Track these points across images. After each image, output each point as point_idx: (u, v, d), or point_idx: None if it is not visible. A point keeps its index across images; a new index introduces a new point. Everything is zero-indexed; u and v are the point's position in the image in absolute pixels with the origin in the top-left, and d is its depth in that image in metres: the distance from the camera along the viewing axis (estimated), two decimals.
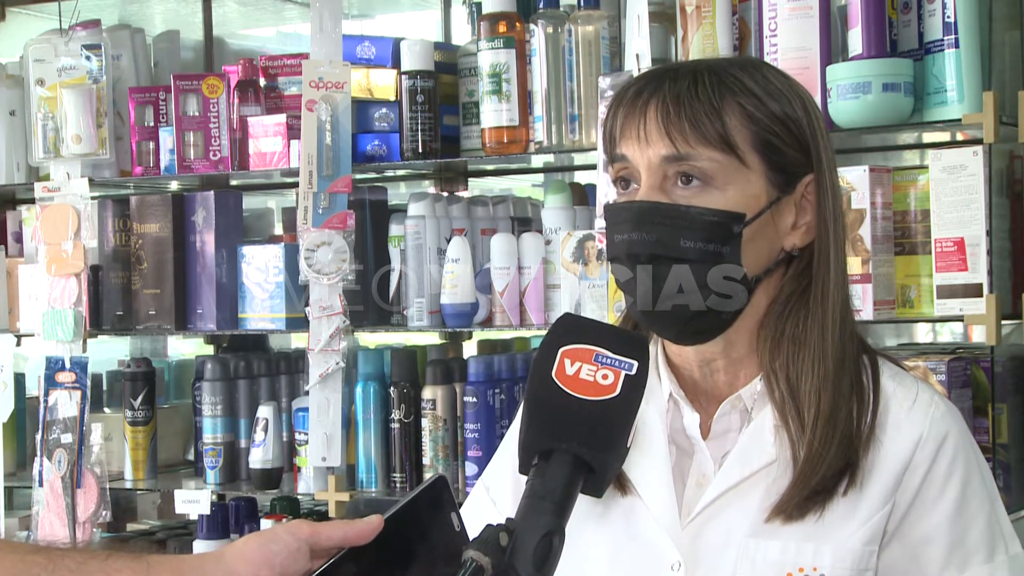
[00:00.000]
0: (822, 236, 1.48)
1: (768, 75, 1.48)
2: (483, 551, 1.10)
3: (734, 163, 1.43)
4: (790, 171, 1.47)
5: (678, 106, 1.43)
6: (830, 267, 1.47)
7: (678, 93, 1.43)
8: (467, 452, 2.93)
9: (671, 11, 2.76)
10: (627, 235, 1.45)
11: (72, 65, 3.25)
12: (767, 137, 1.44)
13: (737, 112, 1.43)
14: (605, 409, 1.21)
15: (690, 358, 1.52)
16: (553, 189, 2.95)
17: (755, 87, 1.45)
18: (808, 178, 1.48)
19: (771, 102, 1.45)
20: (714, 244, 1.42)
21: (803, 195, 1.48)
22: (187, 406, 3.49)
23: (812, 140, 1.48)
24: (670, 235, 1.42)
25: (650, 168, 1.44)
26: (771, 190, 1.45)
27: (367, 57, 3.05)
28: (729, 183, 1.43)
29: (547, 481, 1.17)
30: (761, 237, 1.45)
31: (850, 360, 1.46)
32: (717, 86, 1.44)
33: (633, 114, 1.46)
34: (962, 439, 1.47)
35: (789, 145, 1.46)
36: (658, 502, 1.47)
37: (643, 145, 1.44)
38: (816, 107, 1.51)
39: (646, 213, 1.44)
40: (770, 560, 1.43)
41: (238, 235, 3.26)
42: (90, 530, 3.22)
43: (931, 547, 1.43)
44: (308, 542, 1.17)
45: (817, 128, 1.48)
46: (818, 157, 1.48)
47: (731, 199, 1.43)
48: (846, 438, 1.42)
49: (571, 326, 1.26)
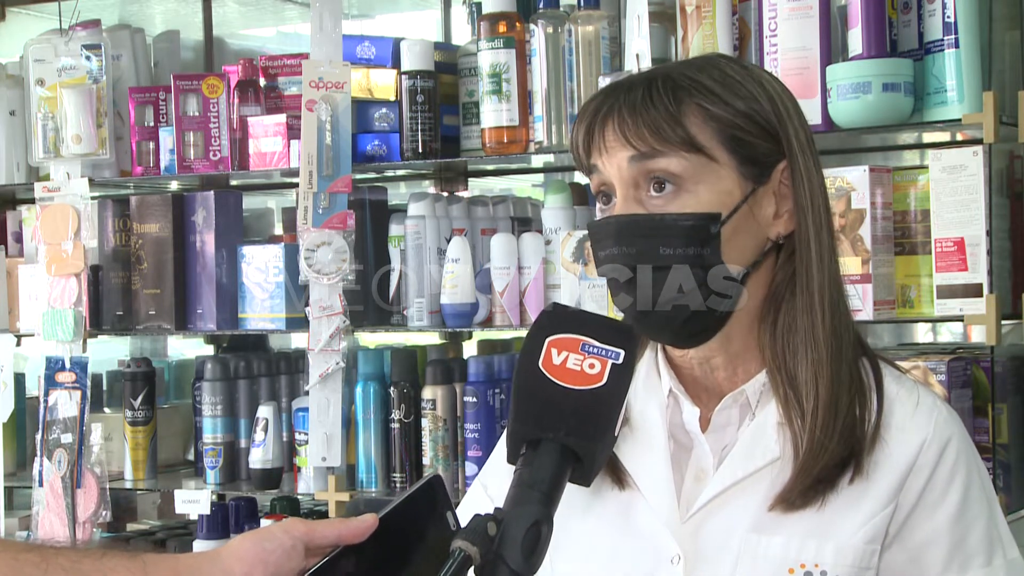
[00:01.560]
0: (801, 221, 1.47)
1: (726, 69, 1.47)
2: (471, 541, 1.11)
3: (702, 161, 1.43)
4: (762, 161, 1.46)
5: (635, 116, 1.43)
6: (811, 251, 1.46)
7: (633, 104, 1.43)
8: (467, 452, 2.93)
9: (671, 11, 2.76)
10: (609, 251, 1.46)
11: (72, 65, 3.25)
12: (731, 132, 1.43)
13: (697, 113, 1.43)
14: (592, 398, 1.21)
15: (689, 356, 1.52)
16: (553, 189, 2.95)
17: (713, 84, 1.44)
18: (782, 165, 1.47)
19: (731, 97, 1.44)
20: (693, 248, 1.42)
21: (780, 182, 1.47)
22: (187, 406, 3.49)
23: (780, 127, 1.46)
24: (649, 246, 1.42)
25: (621, 176, 1.44)
26: (744, 183, 1.45)
27: (367, 57, 3.05)
28: (700, 182, 1.43)
29: (535, 471, 1.18)
30: (742, 232, 1.45)
31: (847, 349, 1.46)
32: (673, 91, 1.43)
33: (593, 130, 1.46)
34: (964, 444, 1.47)
35: (756, 136, 1.45)
36: (657, 496, 1.48)
37: (607, 156, 1.45)
38: (784, 92, 1.50)
39: (624, 227, 1.44)
40: (772, 555, 1.43)
41: (238, 235, 3.26)
42: (90, 530, 3.23)
43: (932, 549, 1.43)
44: (303, 540, 1.17)
45: (784, 113, 1.47)
46: (788, 143, 1.46)
47: (704, 200, 1.43)
48: (848, 428, 1.42)
49: (558, 316, 1.27)
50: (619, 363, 1.22)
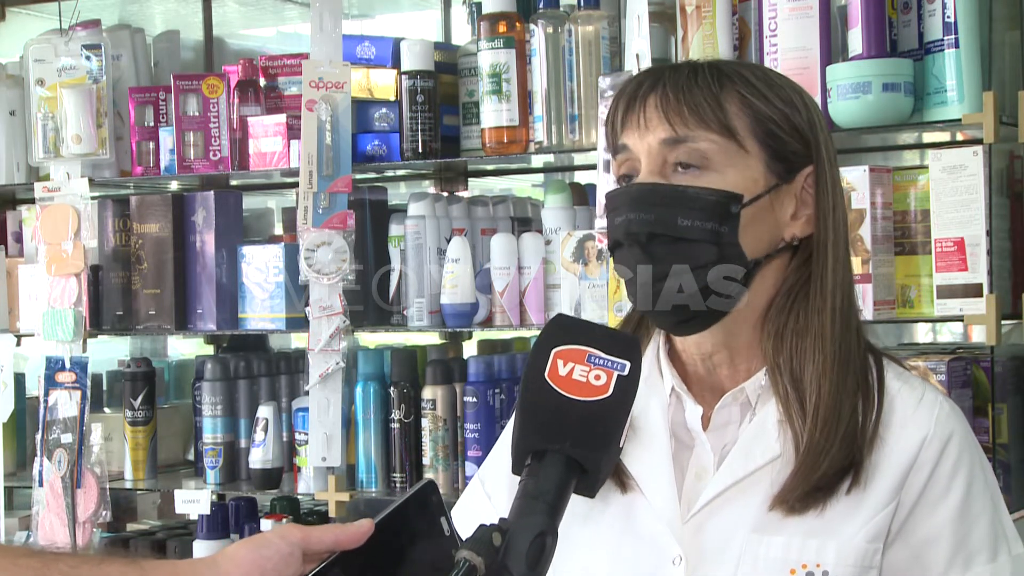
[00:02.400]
0: (821, 228, 1.49)
1: (768, 72, 1.52)
2: (476, 551, 1.11)
3: (732, 147, 1.45)
4: (790, 160, 1.48)
5: (677, 93, 1.46)
6: (828, 259, 1.48)
7: (677, 82, 1.47)
8: (467, 452, 2.93)
9: (671, 11, 2.76)
10: (625, 216, 1.46)
11: (72, 65, 3.25)
12: (767, 125, 1.46)
13: (736, 99, 1.46)
14: (598, 410, 1.21)
15: (692, 352, 1.52)
16: (553, 189, 2.95)
17: (754, 79, 1.48)
18: (808, 170, 1.49)
19: (770, 92, 1.48)
20: (712, 223, 1.43)
21: (803, 187, 1.49)
22: (187, 406, 3.49)
23: (812, 133, 1.49)
24: (668, 214, 1.44)
25: (650, 154, 1.46)
26: (770, 176, 1.47)
27: (367, 57, 3.05)
28: (728, 166, 1.45)
29: (540, 482, 1.18)
30: (760, 222, 1.46)
31: (855, 357, 1.47)
32: (717, 76, 1.47)
33: (633, 105, 1.48)
34: (966, 439, 1.47)
35: (788, 135, 1.48)
36: (659, 496, 1.48)
37: (643, 132, 1.46)
38: (816, 106, 1.54)
39: (644, 194, 1.45)
40: (773, 556, 1.43)
41: (238, 235, 3.26)
42: (90, 530, 3.23)
43: (935, 547, 1.43)
44: (299, 546, 1.18)
45: (817, 123, 1.51)
46: (818, 150, 1.50)
47: (729, 181, 1.45)
48: (850, 435, 1.43)
49: (564, 327, 1.27)
50: (625, 375, 1.23)
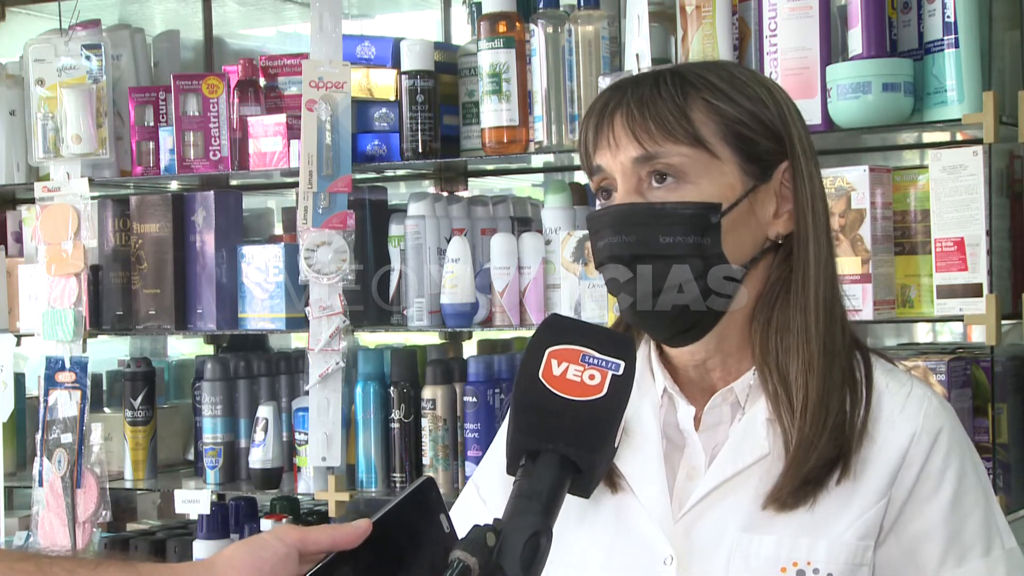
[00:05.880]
0: (800, 222, 1.49)
1: (733, 71, 1.50)
2: (470, 551, 1.10)
3: (704, 157, 1.44)
4: (764, 160, 1.47)
5: (642, 108, 1.45)
6: (809, 251, 1.48)
7: (641, 96, 1.46)
8: (467, 452, 2.93)
9: (671, 11, 2.76)
10: (607, 239, 1.46)
11: (72, 65, 3.25)
12: (736, 128, 1.46)
13: (702, 106, 1.45)
14: (592, 409, 1.21)
15: (685, 358, 1.52)
16: (553, 189, 2.95)
17: (719, 82, 1.47)
18: (784, 165, 1.49)
19: (737, 95, 1.47)
20: (694, 236, 1.43)
21: (781, 183, 1.49)
22: (187, 406, 3.49)
23: (784, 128, 1.48)
24: (649, 233, 1.44)
25: (624, 173, 1.46)
26: (746, 179, 1.46)
27: (367, 57, 3.05)
28: (702, 176, 1.45)
29: (534, 482, 1.18)
30: (742, 227, 1.46)
31: (841, 350, 1.47)
32: (680, 85, 1.46)
33: (602, 124, 1.48)
34: (956, 434, 1.47)
35: (760, 134, 1.47)
36: (650, 497, 1.48)
37: (614, 151, 1.46)
38: (787, 98, 1.52)
39: (623, 216, 1.45)
40: (764, 554, 1.43)
41: (238, 235, 3.26)
42: (90, 530, 3.23)
43: (928, 542, 1.43)
44: (297, 547, 1.17)
45: (789, 117, 1.50)
46: (791, 144, 1.49)
47: (705, 191, 1.44)
48: (838, 427, 1.43)
49: (558, 327, 1.27)
50: (619, 374, 1.22)
